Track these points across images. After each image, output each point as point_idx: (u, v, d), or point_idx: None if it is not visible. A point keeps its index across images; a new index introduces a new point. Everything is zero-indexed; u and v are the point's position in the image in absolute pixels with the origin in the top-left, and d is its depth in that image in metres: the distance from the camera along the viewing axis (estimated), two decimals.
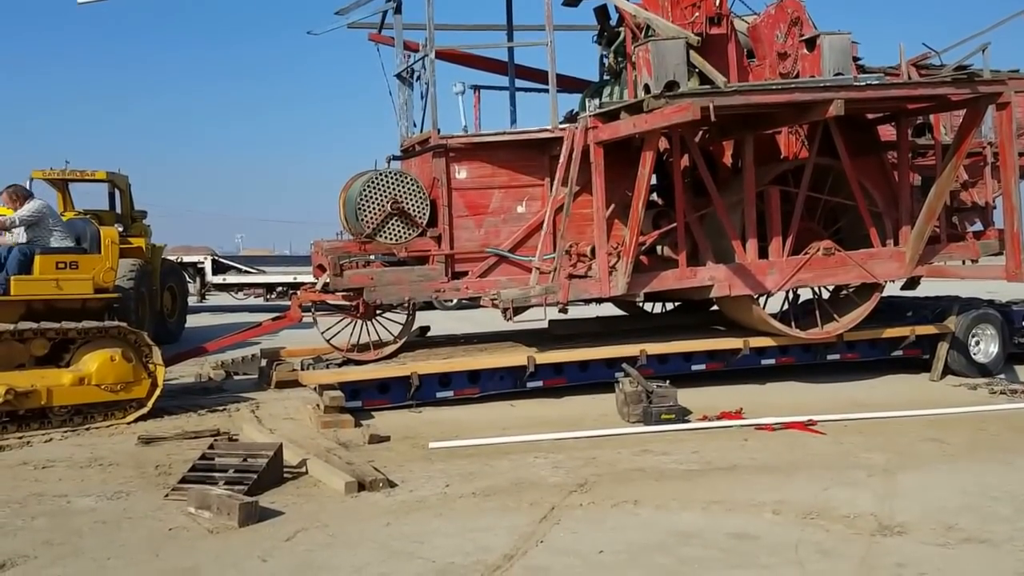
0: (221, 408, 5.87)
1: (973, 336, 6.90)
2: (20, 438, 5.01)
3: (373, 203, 5.89)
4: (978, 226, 7.30)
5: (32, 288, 5.41)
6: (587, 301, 6.44)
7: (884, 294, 6.74)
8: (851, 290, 6.66)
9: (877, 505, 3.63)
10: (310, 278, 9.67)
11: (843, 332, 6.51)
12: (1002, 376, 6.80)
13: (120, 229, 7.88)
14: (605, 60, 7.06)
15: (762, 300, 6.52)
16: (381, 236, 5.92)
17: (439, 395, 5.83)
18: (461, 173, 6.05)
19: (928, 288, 7.99)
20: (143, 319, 8.08)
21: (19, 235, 5.61)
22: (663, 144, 6.02)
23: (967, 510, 3.55)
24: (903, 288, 7.51)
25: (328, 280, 5.91)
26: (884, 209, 6.48)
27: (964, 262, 7.03)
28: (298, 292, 6.95)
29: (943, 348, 6.81)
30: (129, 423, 5.38)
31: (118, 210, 9.60)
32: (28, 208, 5.59)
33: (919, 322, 6.90)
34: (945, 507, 3.59)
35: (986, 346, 6.93)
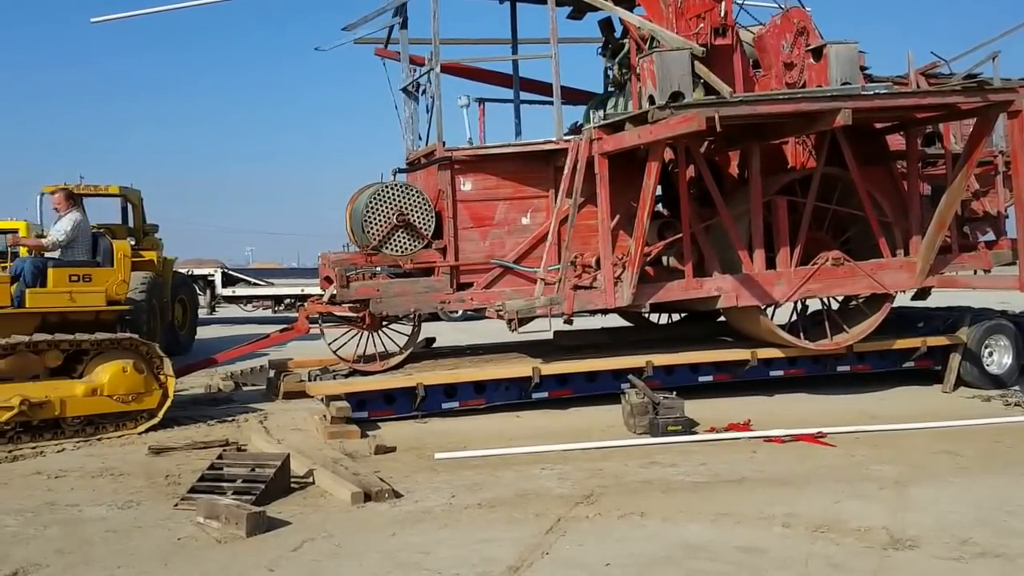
0: (230, 419, 5.91)
1: (986, 347, 6.80)
2: (34, 448, 5.07)
3: (379, 215, 5.95)
4: (990, 236, 7.23)
5: (46, 300, 5.51)
6: (592, 312, 6.44)
7: (894, 305, 6.67)
8: (861, 301, 6.60)
9: (889, 518, 3.58)
10: (317, 290, 9.75)
11: (853, 343, 6.44)
12: (1016, 388, 6.68)
13: (132, 243, 8.02)
14: (610, 72, 7.11)
15: (770, 311, 6.48)
16: (387, 248, 5.97)
17: (444, 406, 5.84)
18: (466, 185, 6.10)
19: (939, 299, 7.89)
20: (154, 331, 8.17)
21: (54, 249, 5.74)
22: (668, 155, 6.04)
23: (981, 524, 3.49)
24: (914, 299, 7.43)
25: (335, 292, 5.96)
26: (894, 219, 6.44)
27: (976, 272, 6.95)
28: (305, 304, 7.00)
29: (955, 359, 6.72)
30: (140, 433, 5.43)
31: (130, 224, 9.76)
32: (65, 227, 5.70)
33: (930, 333, 6.82)
34: (959, 521, 3.53)
35: (999, 357, 6.83)
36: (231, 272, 15.02)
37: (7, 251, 8.11)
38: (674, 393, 5.50)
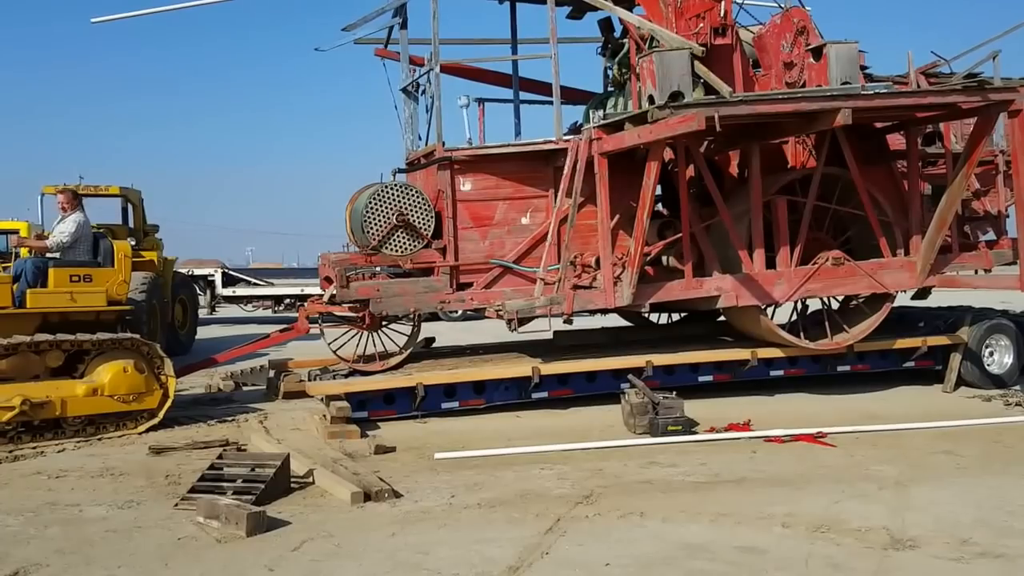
0: (230, 419, 5.92)
1: (987, 347, 6.79)
2: (34, 448, 5.08)
3: (379, 216, 5.95)
4: (991, 235, 7.22)
5: (47, 301, 5.52)
6: (592, 312, 6.43)
7: (895, 305, 6.66)
8: (861, 301, 6.60)
9: (889, 518, 3.58)
10: (317, 290, 9.75)
11: (853, 343, 6.44)
12: (1017, 387, 6.68)
13: (133, 243, 8.04)
14: (609, 72, 7.11)
15: (770, 311, 6.48)
16: (387, 248, 5.98)
17: (444, 406, 5.84)
18: (466, 185, 6.10)
19: (940, 298, 7.89)
20: (154, 331, 8.18)
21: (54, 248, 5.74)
22: (668, 154, 6.04)
23: (981, 524, 3.49)
24: (914, 299, 7.42)
25: (335, 292, 5.97)
26: (894, 218, 6.43)
27: (976, 272, 6.94)
28: (305, 304, 7.00)
29: (956, 359, 6.71)
30: (140, 433, 5.44)
31: (131, 224, 9.77)
32: (69, 229, 5.71)
33: (931, 333, 6.81)
34: (959, 521, 3.53)
35: (1000, 357, 6.82)
36: (231, 272, 15.02)
37: (8, 251, 8.13)
38: (674, 393, 5.50)
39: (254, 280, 15.02)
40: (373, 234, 5.94)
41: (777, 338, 6.28)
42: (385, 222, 5.94)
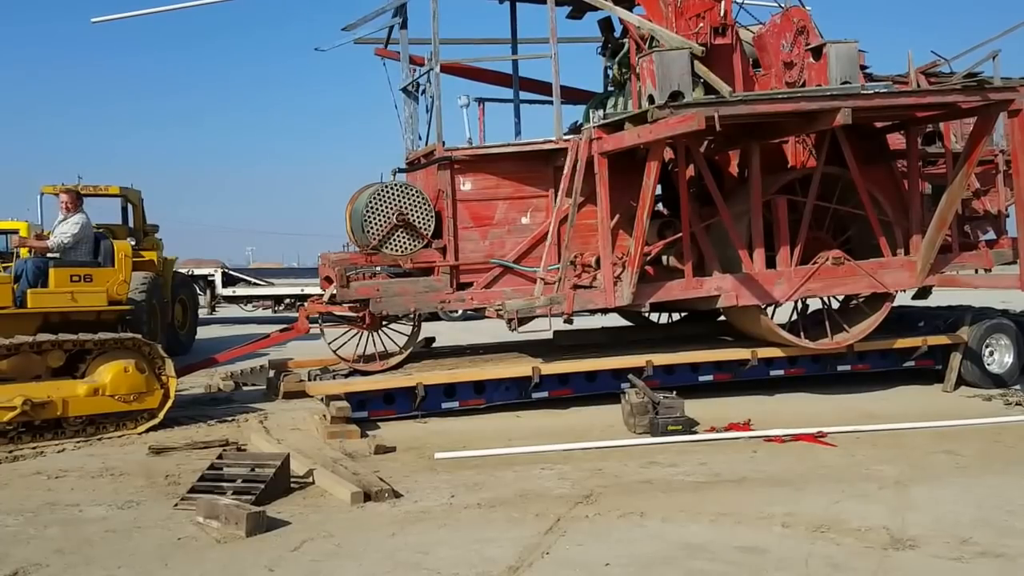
0: (230, 419, 5.93)
1: (987, 346, 6.79)
2: (34, 448, 5.09)
3: (379, 215, 5.95)
4: (991, 235, 7.22)
5: (48, 300, 5.53)
6: (592, 312, 6.43)
7: (895, 304, 6.67)
8: (861, 300, 6.60)
9: (889, 518, 3.58)
10: (317, 290, 9.76)
11: (853, 343, 6.44)
12: (1017, 387, 6.68)
13: (133, 243, 8.05)
14: (609, 71, 7.12)
15: (770, 310, 6.48)
16: (387, 248, 5.98)
17: (444, 406, 5.84)
18: (466, 185, 6.10)
19: (940, 298, 7.89)
20: (155, 331, 8.19)
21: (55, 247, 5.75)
22: (668, 154, 6.04)
23: (982, 524, 3.49)
24: (914, 298, 7.43)
25: (335, 292, 5.98)
26: (894, 218, 6.43)
27: (977, 271, 6.95)
28: (305, 304, 7.00)
29: (956, 359, 6.71)
30: (140, 433, 5.44)
31: (131, 224, 9.78)
32: (72, 231, 5.72)
33: (931, 332, 6.81)
34: (959, 521, 3.53)
35: (1000, 356, 6.82)
36: (231, 272, 15.02)
37: (9, 251, 8.13)
38: (674, 393, 5.50)
39: (254, 280, 15.02)
40: (373, 234, 5.94)
41: (777, 338, 6.28)
42: (385, 222, 5.94)
